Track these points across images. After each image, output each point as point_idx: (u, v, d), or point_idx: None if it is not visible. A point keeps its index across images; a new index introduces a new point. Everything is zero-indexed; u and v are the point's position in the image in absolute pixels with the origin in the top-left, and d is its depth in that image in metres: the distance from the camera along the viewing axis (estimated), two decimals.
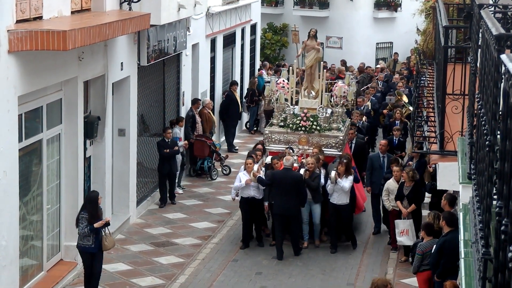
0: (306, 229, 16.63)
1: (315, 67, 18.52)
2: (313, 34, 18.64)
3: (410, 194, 15.57)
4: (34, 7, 12.69)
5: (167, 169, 18.91)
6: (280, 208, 15.83)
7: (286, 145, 17.24)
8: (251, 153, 17.63)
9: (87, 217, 13.26)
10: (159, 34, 18.18)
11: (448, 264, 11.84)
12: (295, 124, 17.40)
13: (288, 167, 15.90)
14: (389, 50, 36.01)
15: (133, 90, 17.47)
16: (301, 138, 17.33)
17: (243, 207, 16.57)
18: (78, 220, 13.39)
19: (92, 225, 13.22)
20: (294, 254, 16.09)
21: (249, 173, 16.33)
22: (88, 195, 13.90)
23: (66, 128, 14.56)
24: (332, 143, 17.33)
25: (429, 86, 17.32)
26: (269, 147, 17.63)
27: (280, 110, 17.79)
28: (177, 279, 14.90)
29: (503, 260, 4.58)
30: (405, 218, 15.50)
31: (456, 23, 17.63)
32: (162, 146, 18.84)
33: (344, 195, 16.12)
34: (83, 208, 13.57)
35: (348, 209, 16.41)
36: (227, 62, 26.09)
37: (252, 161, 16.56)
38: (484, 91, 6.88)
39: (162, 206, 19.01)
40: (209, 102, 22.50)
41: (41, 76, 12.98)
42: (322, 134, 17.33)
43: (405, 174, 15.67)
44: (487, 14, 7.40)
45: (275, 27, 36.47)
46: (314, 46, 18.50)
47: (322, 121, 17.43)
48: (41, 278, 13.97)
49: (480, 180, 6.75)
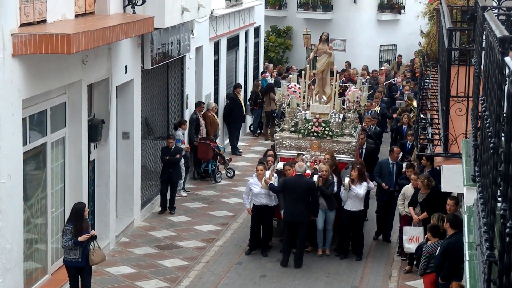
0: (321, 237, 16.41)
1: (326, 72, 18.37)
2: (325, 38, 18.47)
3: (424, 202, 15.29)
4: (38, 10, 12.70)
5: (166, 176, 18.68)
6: (291, 215, 15.59)
7: (298, 151, 16.99)
8: (262, 160, 17.33)
9: (72, 230, 12.75)
10: (162, 37, 18.19)
11: (452, 267, 11.85)
12: (307, 130, 17.15)
13: (300, 173, 15.67)
14: (393, 53, 36.00)
15: (137, 93, 17.48)
16: (313, 144, 17.06)
17: (254, 214, 16.31)
18: (64, 232, 12.94)
19: (77, 238, 12.70)
20: (294, 266, 15.69)
21: (260, 180, 16.09)
22: (74, 206, 13.20)
23: (70, 131, 14.57)
24: (344, 149, 17.09)
25: (433, 88, 17.30)
26: (280, 153, 17.34)
27: (291, 115, 17.53)
28: (182, 282, 14.91)
29: (508, 262, 4.57)
30: (416, 225, 15.25)
31: (460, 25, 17.61)
32: (163, 153, 18.69)
33: (359, 201, 15.99)
34: (68, 220, 13.07)
35: (362, 216, 16.37)
36: (231, 65, 26.10)
37: (263, 168, 16.26)
38: (488, 93, 6.87)
39: (161, 213, 18.83)
40: (214, 106, 22.53)
41: (45, 79, 12.99)
42: (334, 140, 17.07)
43: (420, 182, 15.41)
44: (491, 16, 7.40)
45: (279, 30, 36.48)
46: (326, 50, 18.31)
47: (334, 127, 17.20)
48: (45, 282, 13.97)
49: (485, 182, 6.74)
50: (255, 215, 16.25)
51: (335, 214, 16.26)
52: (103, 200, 16.09)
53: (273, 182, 15.95)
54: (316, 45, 18.70)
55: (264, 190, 15.98)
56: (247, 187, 16.47)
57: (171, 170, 18.64)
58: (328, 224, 16.34)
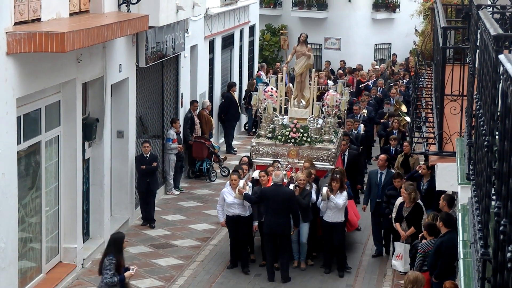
0: (296, 248, 15.41)
1: (305, 75, 17.52)
2: (303, 39, 17.58)
3: (410, 216, 14.44)
4: (32, 9, 12.68)
5: (144, 186, 17.60)
6: (271, 227, 14.67)
7: (274, 158, 16.08)
8: (237, 168, 16.19)
9: (115, 263, 11.62)
10: (157, 35, 18.18)
11: (446, 265, 11.86)
12: (284, 136, 16.23)
13: (278, 183, 14.73)
14: (388, 51, 36.02)
15: (132, 91, 17.47)
16: (291, 151, 16.15)
17: (228, 226, 15.41)
18: (105, 267, 11.69)
19: (123, 275, 11.69)
20: (282, 280, 14.79)
21: (234, 190, 15.08)
22: (112, 237, 12.23)
23: (64, 130, 14.55)
24: (323, 156, 16.12)
25: (428, 87, 17.32)
26: (256, 161, 16.39)
27: (268, 121, 16.55)
28: (176, 281, 14.90)
29: (502, 260, 4.58)
30: (404, 242, 14.45)
31: (454, 23, 17.63)
32: (139, 162, 17.60)
33: (339, 212, 14.96)
34: (107, 252, 11.86)
35: (343, 227, 15.30)
36: (226, 63, 26.10)
37: (237, 177, 15.23)
38: (482, 92, 6.88)
39: (144, 225, 17.81)
40: (208, 104, 22.52)
41: (40, 78, 12.97)
42: (313, 146, 16.16)
43: (405, 194, 14.41)
44: (485, 14, 7.41)
45: (274, 29, 36.47)
46: (304, 52, 17.43)
47: (313, 133, 16.28)
48: (40, 281, 13.95)
49: (479, 181, 6.75)
50: (231, 227, 15.32)
51: (308, 226, 15.21)
52: (98, 199, 16.07)
53: (247, 192, 15.01)
54: (294, 46, 17.84)
55: (237, 200, 15.03)
56: (221, 197, 15.51)
57: (148, 180, 17.60)
58: (301, 237, 15.29)
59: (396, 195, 15.15)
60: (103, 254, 12.02)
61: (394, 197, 15.18)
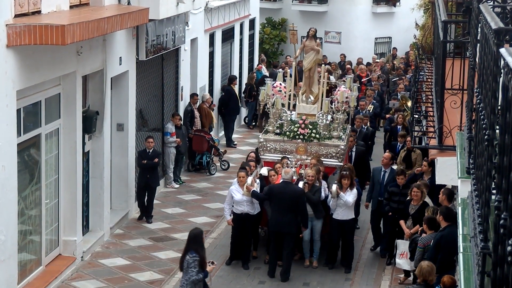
0: (307, 248, 15.29)
1: (314, 70, 17.40)
2: (312, 34, 17.47)
3: (416, 214, 14.20)
4: (32, 1, 12.67)
5: (144, 182, 17.50)
6: (277, 225, 14.51)
7: (282, 154, 15.90)
8: (244, 165, 15.98)
9: (199, 260, 11.44)
10: (157, 28, 18.16)
11: (446, 259, 11.86)
12: (292, 132, 16.09)
13: (287, 180, 14.54)
14: (388, 45, 35.98)
15: (132, 84, 17.46)
16: (299, 147, 16.03)
17: (235, 223, 15.21)
18: (188, 264, 11.48)
19: (206, 271, 11.52)
20: (281, 279, 14.59)
21: (242, 187, 14.92)
22: (191, 233, 11.87)
23: (64, 122, 14.54)
24: (332, 152, 15.99)
25: (428, 81, 17.31)
26: (264, 157, 16.23)
27: (276, 116, 16.41)
28: (176, 274, 14.90)
29: (502, 254, 4.58)
30: (408, 240, 14.11)
31: (455, 17, 17.62)
32: (140, 156, 17.57)
33: (349, 210, 14.82)
34: (188, 248, 11.61)
35: (353, 225, 15.25)
36: (226, 57, 26.08)
37: (245, 174, 14.98)
38: (483, 86, 6.87)
39: (140, 219, 17.65)
40: (208, 98, 22.50)
41: (40, 70, 12.96)
42: (321, 143, 15.99)
43: (413, 192, 14.26)
44: (486, 8, 7.39)
45: (274, 22, 36.42)
46: (313, 47, 17.28)
47: (322, 129, 16.10)
48: (39, 273, 13.96)
49: (479, 175, 6.75)
50: (237, 224, 15.13)
51: (322, 223, 15.12)
52: (98, 191, 16.07)
53: (255, 189, 14.83)
54: (303, 41, 17.72)
55: (246, 198, 14.86)
56: (228, 194, 15.34)
57: (149, 176, 17.50)
58: (314, 234, 15.15)
59: (398, 192, 15.06)
60: (183, 251, 11.78)
61: (395, 194, 15.10)
